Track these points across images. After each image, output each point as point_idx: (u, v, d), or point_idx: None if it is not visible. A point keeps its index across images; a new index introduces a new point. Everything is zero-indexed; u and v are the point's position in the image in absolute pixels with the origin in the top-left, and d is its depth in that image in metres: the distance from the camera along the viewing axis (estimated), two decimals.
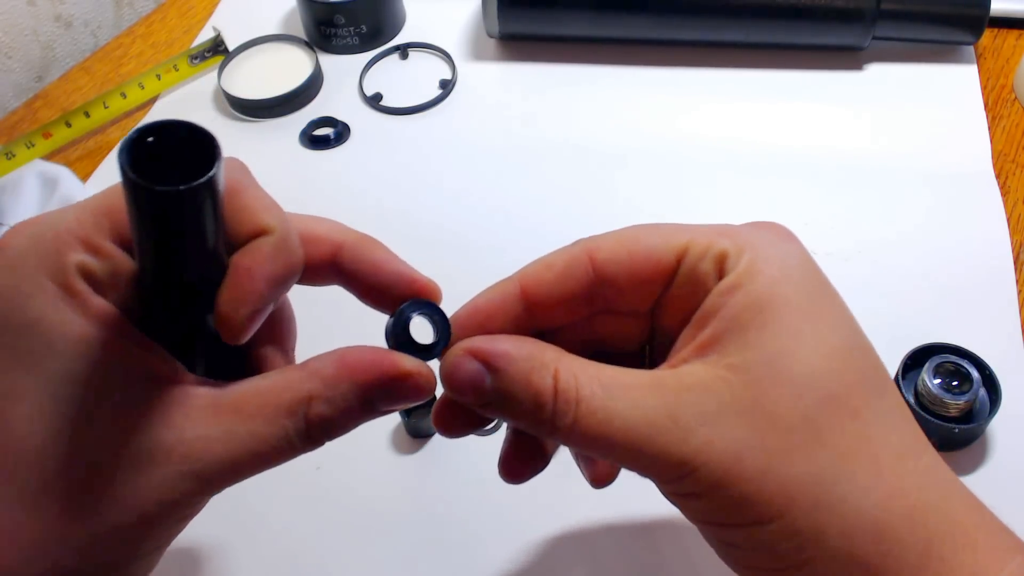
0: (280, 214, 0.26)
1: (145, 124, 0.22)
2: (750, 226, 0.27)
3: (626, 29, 0.60)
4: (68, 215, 0.24)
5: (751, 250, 0.25)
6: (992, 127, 0.54)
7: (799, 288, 0.25)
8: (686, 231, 0.26)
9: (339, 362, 0.25)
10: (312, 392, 0.24)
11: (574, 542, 0.39)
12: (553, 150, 0.56)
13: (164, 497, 0.23)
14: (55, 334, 0.23)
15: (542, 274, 0.27)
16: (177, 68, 0.62)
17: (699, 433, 0.23)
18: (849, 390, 0.24)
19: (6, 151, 0.57)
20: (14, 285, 0.24)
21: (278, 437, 0.24)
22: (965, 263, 0.47)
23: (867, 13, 0.55)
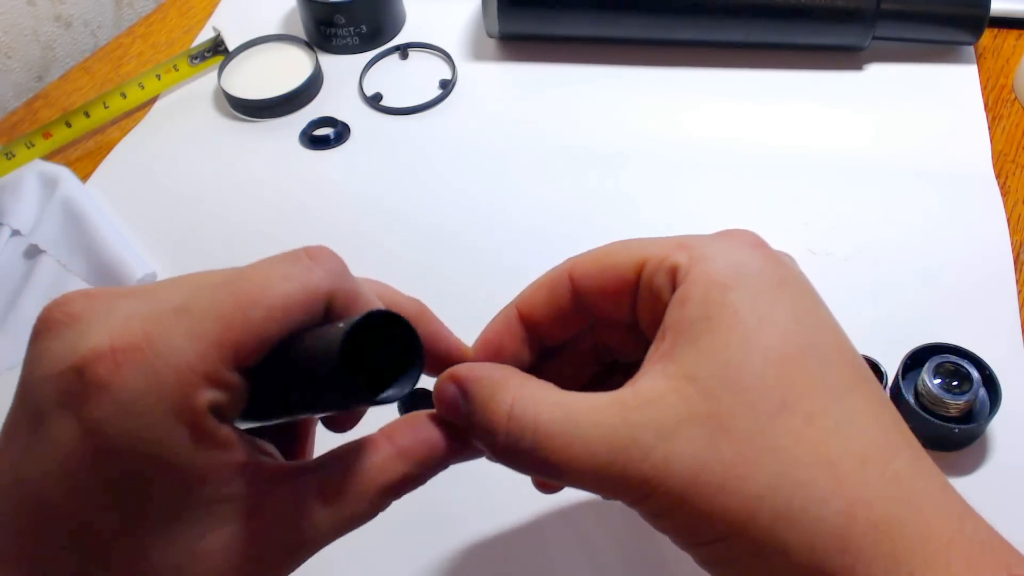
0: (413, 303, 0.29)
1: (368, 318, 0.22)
2: (712, 236, 0.27)
3: (626, 29, 0.60)
4: (185, 349, 0.21)
5: (702, 260, 0.25)
6: (992, 127, 0.54)
7: (749, 294, 0.24)
8: (649, 245, 0.27)
9: (424, 442, 0.27)
10: (407, 474, 0.26)
11: (574, 542, 0.39)
12: (553, 150, 0.56)
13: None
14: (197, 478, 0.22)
15: (533, 295, 0.29)
16: (177, 68, 0.62)
17: (657, 450, 0.23)
18: (801, 395, 0.23)
19: (6, 151, 0.57)
20: (136, 432, 0.21)
21: (374, 514, 0.26)
22: (965, 263, 0.47)
23: (867, 13, 0.55)
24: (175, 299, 0.23)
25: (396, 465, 0.26)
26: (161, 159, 0.58)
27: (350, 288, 0.25)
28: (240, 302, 0.22)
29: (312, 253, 0.24)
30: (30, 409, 0.22)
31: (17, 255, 0.52)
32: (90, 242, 0.52)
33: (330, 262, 0.24)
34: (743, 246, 0.26)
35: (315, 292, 0.23)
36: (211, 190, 0.56)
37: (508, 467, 0.26)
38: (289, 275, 0.23)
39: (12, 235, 0.53)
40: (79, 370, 0.21)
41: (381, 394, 0.23)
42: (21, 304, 0.50)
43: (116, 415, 0.21)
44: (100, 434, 0.21)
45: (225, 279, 0.23)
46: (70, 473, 0.21)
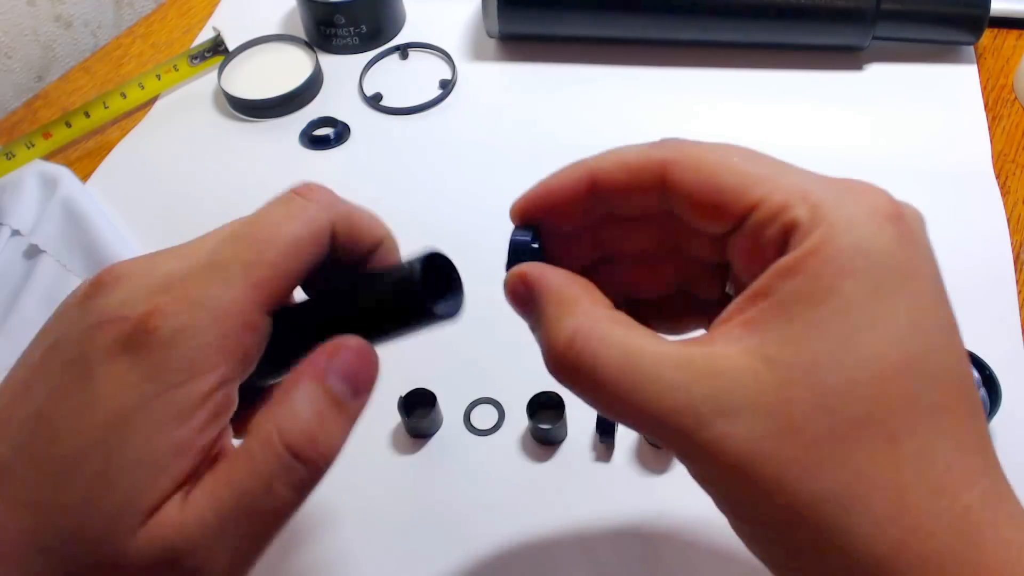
0: (382, 224, 0.29)
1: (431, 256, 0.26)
2: (842, 189, 0.23)
3: (626, 29, 0.60)
4: (220, 296, 0.24)
5: (825, 226, 0.22)
6: (992, 127, 0.54)
7: (868, 286, 0.21)
8: (765, 180, 0.23)
9: (286, 381, 0.25)
10: (276, 420, 0.24)
11: (574, 542, 0.39)
12: (553, 150, 0.56)
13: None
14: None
15: (614, 172, 0.26)
16: (177, 68, 0.62)
17: (716, 426, 0.21)
18: (891, 413, 0.21)
19: (6, 151, 0.57)
20: (189, 368, 0.23)
21: (264, 480, 0.24)
22: (965, 263, 0.47)
23: (867, 13, 0.55)
24: (202, 255, 0.25)
25: (267, 415, 0.25)
26: (161, 159, 0.58)
27: (345, 214, 0.27)
28: (256, 247, 0.25)
29: (302, 192, 0.27)
30: (79, 360, 0.24)
31: (17, 255, 0.52)
32: (90, 242, 0.52)
33: (321, 195, 0.27)
34: (874, 216, 0.22)
35: (318, 226, 0.26)
36: (211, 190, 0.56)
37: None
38: (291, 214, 0.26)
39: (12, 235, 0.53)
40: (127, 320, 0.23)
41: (440, 310, 0.26)
42: (21, 304, 0.50)
43: (172, 357, 0.23)
44: (159, 375, 0.23)
45: (238, 231, 0.26)
46: (120, 411, 0.23)
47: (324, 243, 0.26)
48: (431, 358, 0.45)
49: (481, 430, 0.43)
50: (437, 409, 0.43)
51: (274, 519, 0.24)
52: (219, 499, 0.23)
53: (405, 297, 0.26)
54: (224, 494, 0.23)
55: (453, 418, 0.43)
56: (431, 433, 0.43)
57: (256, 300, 0.25)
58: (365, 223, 0.28)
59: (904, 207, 0.23)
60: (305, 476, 0.24)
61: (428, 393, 0.43)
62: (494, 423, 0.43)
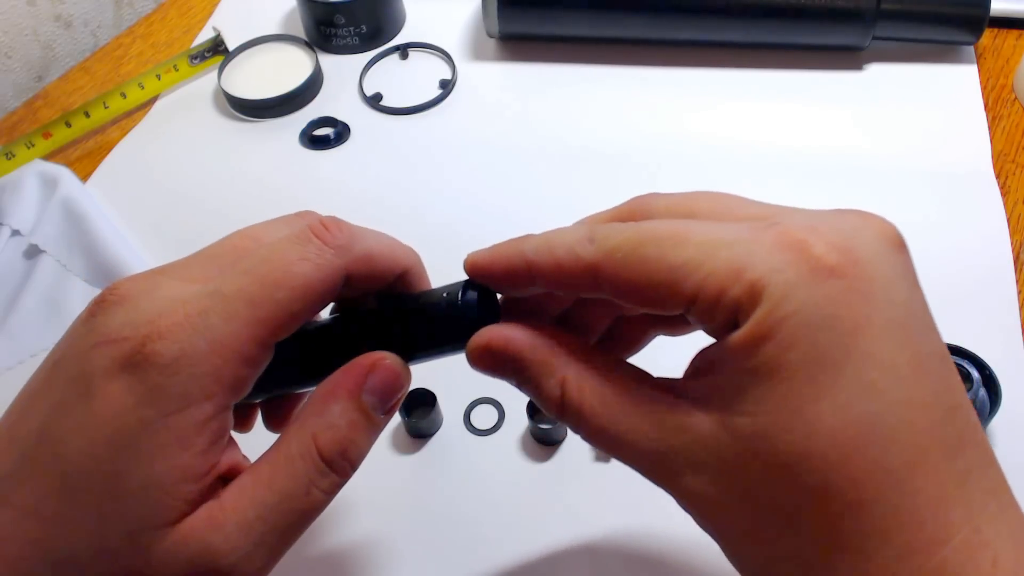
0: (406, 253, 0.30)
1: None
2: (779, 246, 0.21)
3: (626, 29, 0.60)
4: (220, 328, 0.25)
5: (764, 304, 0.21)
6: (992, 127, 0.54)
7: (810, 354, 0.21)
8: (699, 268, 0.22)
9: (323, 389, 0.27)
10: (314, 428, 0.26)
11: (574, 542, 0.39)
12: (553, 150, 0.56)
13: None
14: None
15: (547, 270, 0.25)
16: (177, 68, 0.62)
17: (685, 477, 0.23)
18: (851, 481, 0.20)
19: (6, 151, 0.57)
20: (180, 393, 0.24)
21: (303, 483, 0.25)
22: (965, 263, 0.47)
23: (867, 13, 0.55)
24: (208, 282, 0.26)
25: (304, 426, 0.26)
26: (161, 159, 0.58)
27: (363, 257, 0.27)
28: (265, 285, 0.25)
29: (320, 233, 0.27)
30: (81, 377, 0.24)
31: (17, 255, 0.52)
32: (90, 242, 0.52)
33: (337, 238, 0.27)
34: (814, 277, 0.21)
35: (331, 272, 0.26)
36: (211, 190, 0.56)
37: None
38: (305, 256, 0.26)
39: (12, 235, 0.53)
40: (128, 341, 0.24)
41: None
42: (21, 304, 0.50)
43: (171, 383, 0.24)
44: (157, 400, 0.24)
45: (248, 266, 0.26)
46: (120, 431, 0.24)
47: (336, 287, 0.27)
48: None
49: (481, 430, 0.43)
50: (437, 409, 0.43)
51: (307, 519, 0.26)
52: (260, 502, 0.25)
53: (454, 322, 0.27)
54: (265, 497, 0.25)
55: (453, 418, 0.43)
56: (431, 433, 0.43)
57: (256, 337, 0.25)
58: (385, 257, 0.28)
59: (852, 239, 0.21)
60: (337, 481, 0.26)
61: (428, 393, 0.43)
62: (494, 423, 0.43)
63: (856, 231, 0.22)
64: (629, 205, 0.27)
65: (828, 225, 0.22)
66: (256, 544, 0.25)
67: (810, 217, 0.22)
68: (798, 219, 0.22)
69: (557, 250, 0.25)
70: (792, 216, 0.23)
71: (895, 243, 0.22)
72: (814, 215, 0.23)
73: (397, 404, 0.28)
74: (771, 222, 0.22)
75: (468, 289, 0.27)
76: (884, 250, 0.22)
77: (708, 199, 0.25)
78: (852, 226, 0.22)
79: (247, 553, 0.25)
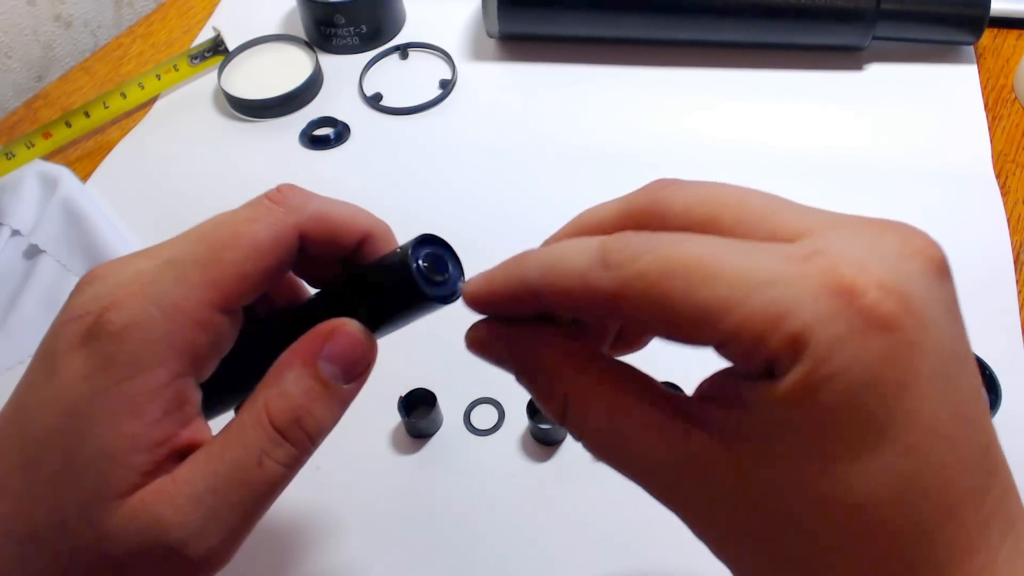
0: (367, 216, 0.29)
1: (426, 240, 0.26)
2: (826, 292, 0.19)
3: (626, 29, 0.60)
4: (172, 292, 0.24)
5: (806, 361, 0.19)
6: (992, 127, 0.54)
7: (859, 417, 0.19)
8: (736, 310, 0.19)
9: (280, 359, 0.26)
10: (266, 397, 0.25)
11: (574, 542, 0.39)
12: (553, 150, 0.56)
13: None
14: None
15: (557, 298, 0.23)
16: (177, 68, 0.62)
17: (690, 506, 0.22)
18: (874, 539, 0.19)
19: (6, 151, 0.57)
20: (132, 359, 0.24)
21: (255, 453, 0.24)
22: (965, 263, 0.47)
23: (867, 13, 0.55)
24: (167, 253, 0.26)
25: (258, 394, 0.26)
26: (161, 159, 0.58)
27: (318, 214, 0.27)
28: (214, 248, 0.25)
29: (272, 196, 0.27)
30: (48, 354, 0.25)
31: (17, 255, 0.52)
32: (90, 242, 0.52)
33: (292, 199, 0.27)
34: (863, 334, 0.18)
35: (281, 228, 0.26)
36: (211, 190, 0.56)
37: None
38: (254, 217, 0.26)
39: (12, 235, 0.53)
40: (90, 315, 0.24)
41: (434, 292, 0.26)
42: (21, 304, 0.50)
43: (121, 350, 0.24)
44: (108, 367, 0.23)
45: (201, 232, 0.26)
46: (74, 401, 0.24)
47: (289, 245, 0.26)
48: (431, 358, 0.45)
49: (481, 430, 0.43)
50: (437, 409, 0.43)
51: (264, 493, 0.25)
52: (212, 472, 0.24)
53: (398, 283, 0.26)
54: (217, 467, 0.24)
55: (453, 418, 0.43)
56: (431, 433, 0.43)
57: (210, 299, 0.25)
58: (344, 219, 0.28)
59: (904, 278, 0.19)
60: (293, 453, 0.25)
61: (428, 393, 0.43)
62: (494, 423, 0.43)
63: (906, 262, 0.20)
64: (641, 201, 0.24)
65: (878, 258, 0.19)
66: (208, 518, 0.24)
67: (854, 242, 0.20)
68: (842, 246, 0.20)
69: (566, 277, 0.22)
70: (834, 239, 0.20)
71: (941, 271, 0.20)
72: (856, 237, 0.20)
73: (362, 374, 0.27)
74: (812, 248, 0.19)
75: (420, 248, 0.26)
76: (934, 286, 0.20)
77: (733, 202, 0.22)
78: (900, 255, 0.20)
79: (199, 528, 0.24)
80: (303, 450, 0.25)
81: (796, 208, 0.22)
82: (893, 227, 0.21)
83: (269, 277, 0.26)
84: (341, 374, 0.26)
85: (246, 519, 0.25)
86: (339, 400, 0.26)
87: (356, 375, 0.26)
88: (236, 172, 0.57)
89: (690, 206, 0.22)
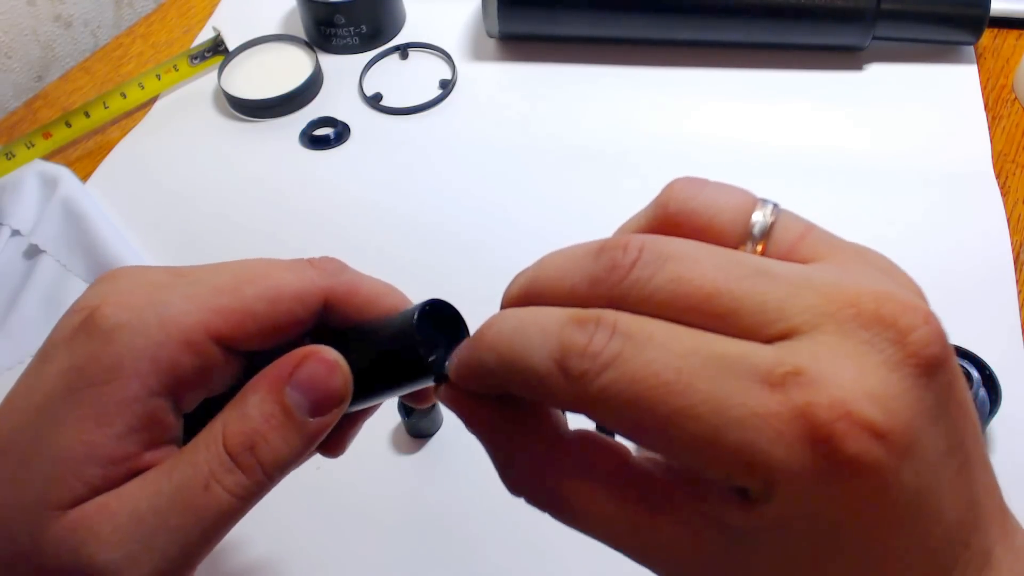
0: (397, 296, 0.27)
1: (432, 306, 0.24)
2: (801, 440, 0.17)
3: (626, 29, 0.60)
4: (173, 305, 0.24)
5: (780, 501, 0.18)
6: (992, 127, 0.54)
7: (820, 552, 0.19)
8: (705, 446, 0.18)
9: (251, 381, 0.24)
10: (226, 417, 0.24)
11: (574, 542, 0.39)
12: (553, 150, 0.56)
13: None
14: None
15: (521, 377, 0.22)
16: (177, 68, 0.62)
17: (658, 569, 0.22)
18: None
19: (6, 151, 0.57)
20: (112, 365, 0.23)
21: (202, 475, 0.23)
22: (965, 263, 0.47)
23: (867, 13, 0.55)
24: (193, 274, 0.25)
25: (218, 418, 0.24)
26: (161, 159, 0.58)
27: (349, 284, 0.26)
28: (237, 280, 0.25)
29: (312, 260, 0.27)
30: (45, 345, 0.24)
31: (17, 255, 0.52)
32: (90, 242, 0.52)
33: (327, 264, 0.26)
34: (835, 484, 0.18)
35: (309, 286, 0.25)
36: (211, 190, 0.56)
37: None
38: (288, 268, 0.26)
39: (12, 235, 0.53)
40: (87, 309, 0.24)
41: (434, 357, 0.24)
42: (21, 304, 0.50)
43: (104, 352, 0.23)
44: (87, 367, 0.23)
45: (236, 264, 0.26)
46: (48, 396, 0.23)
47: (310, 301, 0.25)
48: None
49: None
50: (437, 409, 0.43)
51: (211, 522, 0.23)
52: (156, 491, 0.23)
53: (399, 344, 0.24)
54: (162, 486, 0.23)
55: (453, 418, 0.43)
56: (431, 433, 0.43)
57: (209, 324, 0.24)
58: (373, 294, 0.27)
59: (892, 405, 0.18)
60: (244, 482, 0.23)
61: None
62: None
63: (894, 375, 0.18)
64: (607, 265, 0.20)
65: (863, 377, 0.18)
66: (143, 543, 0.22)
67: (837, 352, 0.18)
68: (823, 364, 0.18)
69: (525, 377, 0.20)
70: (816, 350, 0.18)
71: (935, 370, 0.19)
72: (842, 342, 0.18)
73: (330, 406, 0.24)
74: (790, 365, 0.18)
75: (421, 320, 0.24)
76: (921, 394, 0.18)
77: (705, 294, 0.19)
78: (889, 363, 0.18)
79: (130, 553, 0.22)
80: (255, 481, 0.23)
81: (781, 287, 0.19)
82: (888, 321, 0.18)
83: (280, 327, 0.25)
84: (307, 404, 0.24)
85: (186, 549, 0.23)
86: (302, 433, 0.24)
87: (325, 409, 0.24)
88: (236, 172, 0.57)
89: (657, 292, 0.19)
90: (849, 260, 0.20)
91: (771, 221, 0.21)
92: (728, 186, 0.21)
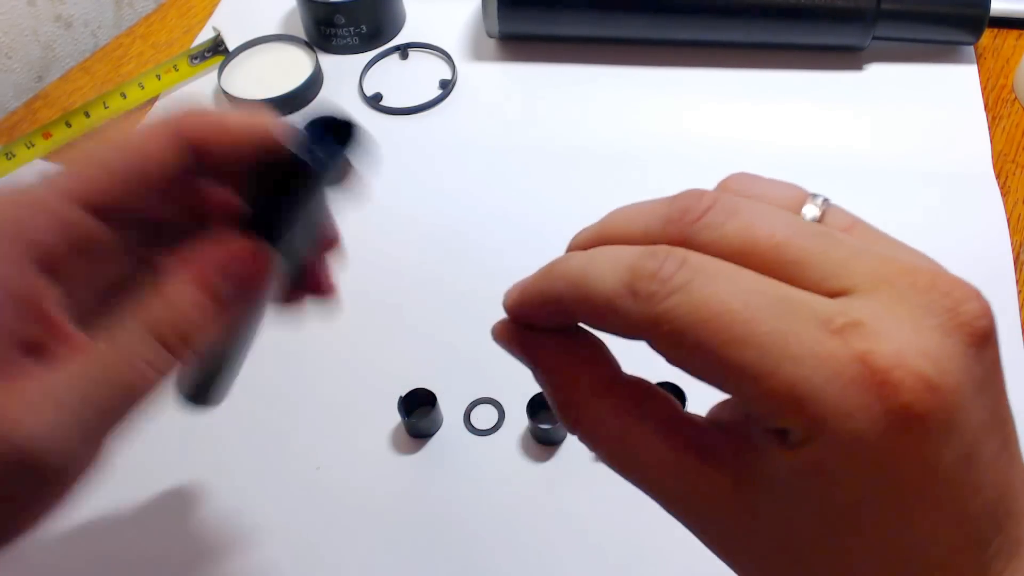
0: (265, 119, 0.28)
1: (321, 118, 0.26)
2: (853, 386, 0.18)
3: (626, 29, 0.60)
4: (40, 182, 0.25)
5: (827, 442, 0.18)
6: (992, 127, 0.54)
7: (861, 504, 0.19)
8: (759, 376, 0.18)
9: (174, 263, 0.26)
10: (149, 303, 0.25)
11: (574, 542, 0.39)
12: (553, 150, 0.56)
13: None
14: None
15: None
16: (177, 68, 0.62)
17: (698, 526, 0.22)
18: None
19: (6, 151, 0.57)
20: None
21: (128, 355, 0.24)
22: (965, 263, 0.46)
23: (867, 13, 0.55)
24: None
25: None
26: None
27: (208, 116, 0.27)
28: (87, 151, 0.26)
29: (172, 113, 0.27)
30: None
31: None
32: None
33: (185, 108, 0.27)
34: (884, 432, 0.18)
35: (158, 129, 0.26)
36: None
37: None
38: (143, 126, 0.26)
39: None
40: None
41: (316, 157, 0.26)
42: None
43: None
44: None
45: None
46: None
47: (164, 144, 0.26)
48: (431, 358, 0.45)
49: (481, 430, 0.43)
50: (437, 409, 0.43)
51: (139, 399, 0.24)
52: (75, 371, 0.23)
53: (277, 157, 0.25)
54: (83, 368, 0.23)
55: (453, 418, 0.43)
56: (431, 433, 0.43)
57: (71, 190, 0.25)
58: (238, 123, 0.27)
59: (944, 367, 0.18)
60: (173, 361, 0.25)
61: (428, 393, 0.43)
62: (494, 423, 0.43)
63: (948, 339, 0.19)
64: (680, 209, 0.22)
65: (918, 337, 0.19)
66: (71, 416, 0.23)
67: (895, 311, 0.19)
68: (882, 319, 0.19)
69: (594, 300, 0.21)
70: (874, 306, 0.19)
71: (985, 341, 0.20)
72: (899, 304, 0.19)
73: (253, 286, 0.26)
74: (849, 317, 0.18)
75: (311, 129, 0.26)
76: (972, 363, 0.19)
77: (774, 244, 0.20)
78: (944, 328, 0.19)
79: (60, 434, 0.22)
80: (181, 359, 0.25)
81: (843, 249, 0.20)
82: (942, 290, 0.20)
83: (143, 176, 0.26)
84: (231, 287, 0.26)
85: (106, 424, 0.24)
86: (230, 312, 0.26)
87: (249, 289, 0.26)
88: None
89: (727, 235, 0.20)
90: (896, 248, 0.22)
91: (821, 214, 0.22)
92: (780, 181, 0.23)
